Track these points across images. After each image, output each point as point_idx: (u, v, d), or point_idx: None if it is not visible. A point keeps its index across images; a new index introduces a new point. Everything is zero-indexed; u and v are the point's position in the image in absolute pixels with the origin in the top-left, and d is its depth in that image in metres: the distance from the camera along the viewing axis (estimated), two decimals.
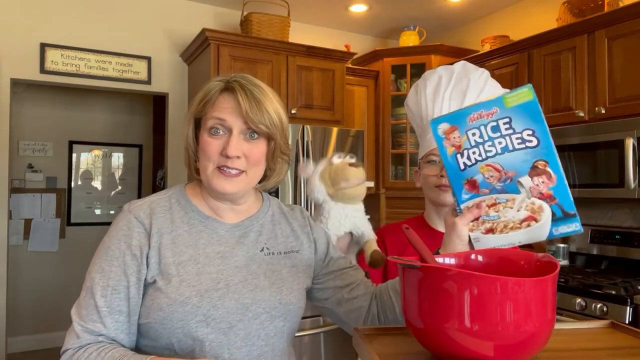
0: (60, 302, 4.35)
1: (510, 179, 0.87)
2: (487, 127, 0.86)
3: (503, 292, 0.63)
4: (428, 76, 1.32)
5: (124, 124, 4.84)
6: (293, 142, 3.05)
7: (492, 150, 0.87)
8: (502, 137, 0.86)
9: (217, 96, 0.97)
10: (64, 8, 3.22)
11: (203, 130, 0.98)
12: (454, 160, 0.89)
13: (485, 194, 0.89)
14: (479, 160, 0.88)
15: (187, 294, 0.91)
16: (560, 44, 2.83)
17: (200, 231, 0.98)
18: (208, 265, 0.95)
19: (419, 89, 1.33)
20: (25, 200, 4.35)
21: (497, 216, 0.89)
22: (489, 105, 0.86)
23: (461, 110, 0.89)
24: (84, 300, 0.91)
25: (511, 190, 0.87)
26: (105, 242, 0.95)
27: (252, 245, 1.02)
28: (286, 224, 1.11)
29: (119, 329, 0.91)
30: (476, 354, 0.65)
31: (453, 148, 0.89)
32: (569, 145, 2.65)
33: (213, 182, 0.96)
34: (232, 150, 0.94)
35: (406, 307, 0.74)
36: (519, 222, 0.87)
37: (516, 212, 0.87)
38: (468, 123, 0.87)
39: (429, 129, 1.27)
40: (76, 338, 0.88)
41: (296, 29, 3.84)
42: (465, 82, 1.26)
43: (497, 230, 0.89)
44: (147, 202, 0.99)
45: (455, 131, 0.88)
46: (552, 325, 0.68)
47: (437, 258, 0.82)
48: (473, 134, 0.87)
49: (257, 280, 0.98)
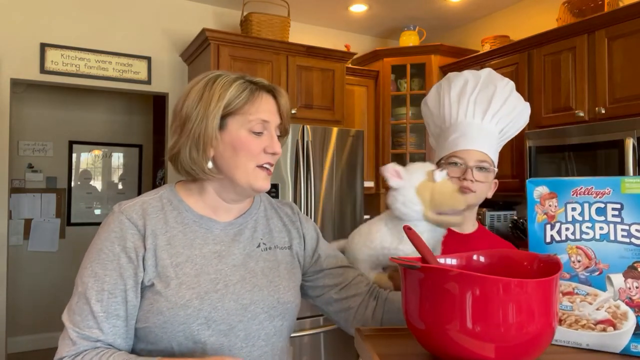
0: (60, 302, 4.35)
1: (599, 272, 0.76)
2: (592, 207, 0.77)
3: (505, 293, 0.63)
4: (453, 78, 1.30)
5: (124, 124, 4.84)
6: (293, 142, 3.05)
7: (590, 233, 0.77)
8: (605, 223, 0.76)
9: (256, 96, 0.97)
10: (64, 8, 3.21)
11: (239, 129, 0.96)
12: (541, 229, 0.80)
13: (565, 279, 0.78)
14: (571, 240, 0.78)
15: (187, 297, 0.90)
16: (560, 44, 2.83)
17: (195, 231, 0.97)
18: (206, 265, 0.94)
19: (442, 89, 1.31)
20: (25, 200, 4.34)
21: (570, 307, 0.77)
22: (602, 183, 0.77)
23: (567, 180, 0.79)
24: (77, 306, 0.88)
25: (596, 285, 0.76)
26: (96, 244, 0.92)
27: (248, 242, 1.02)
28: (278, 219, 1.11)
29: (116, 334, 0.89)
30: (478, 355, 0.65)
31: (544, 216, 0.80)
32: (569, 145, 2.65)
33: (256, 181, 0.97)
34: (278, 147, 0.99)
35: (407, 308, 0.74)
36: (593, 323, 0.76)
37: (594, 310, 0.76)
38: (571, 195, 0.78)
39: (453, 130, 1.25)
40: (72, 345, 0.86)
41: (296, 29, 3.84)
42: (492, 88, 1.24)
43: (565, 322, 0.78)
44: (139, 203, 0.96)
45: (554, 199, 0.79)
46: (554, 327, 0.68)
47: (439, 259, 0.82)
48: (573, 209, 0.78)
49: (255, 279, 0.98)
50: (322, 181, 3.15)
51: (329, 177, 3.18)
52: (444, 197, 0.99)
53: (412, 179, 1.03)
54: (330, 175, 3.18)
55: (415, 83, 3.80)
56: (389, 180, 1.03)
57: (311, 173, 3.09)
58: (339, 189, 3.22)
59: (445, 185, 1.01)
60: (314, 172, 3.11)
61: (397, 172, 1.03)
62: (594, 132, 2.56)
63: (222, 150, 0.96)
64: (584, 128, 2.60)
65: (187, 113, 0.96)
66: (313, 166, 3.10)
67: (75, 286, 0.91)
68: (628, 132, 2.40)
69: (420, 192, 1.01)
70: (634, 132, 2.37)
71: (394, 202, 1.03)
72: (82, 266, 0.92)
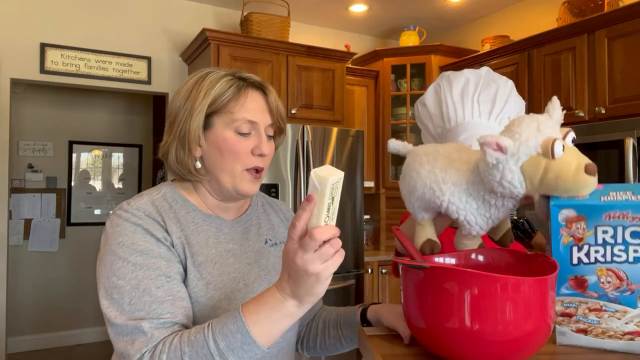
0: (60, 302, 4.35)
1: (631, 292, 0.74)
2: (627, 230, 0.74)
3: (503, 291, 0.63)
4: (453, 77, 1.26)
5: (124, 124, 4.84)
6: (293, 142, 3.05)
7: (622, 256, 0.74)
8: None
9: (242, 93, 0.92)
10: (64, 8, 3.22)
11: (224, 129, 0.91)
12: (567, 251, 0.76)
13: (592, 297, 0.76)
14: (600, 262, 0.75)
15: (216, 298, 0.88)
16: (560, 44, 2.83)
17: (207, 230, 0.94)
18: (224, 264, 0.92)
19: (442, 88, 1.27)
20: (25, 200, 4.35)
21: (597, 322, 0.76)
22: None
23: (599, 204, 0.75)
24: (134, 304, 0.79)
25: (626, 303, 0.74)
26: (123, 243, 0.84)
27: (255, 239, 1.01)
28: (275, 214, 1.11)
29: (187, 315, 0.83)
30: (476, 352, 0.65)
31: (571, 239, 0.76)
32: None
33: (241, 185, 0.92)
34: (266, 149, 0.93)
35: (407, 307, 0.74)
36: (621, 333, 0.75)
37: (623, 324, 0.75)
38: (603, 219, 0.74)
39: (461, 130, 1.22)
40: (147, 339, 0.77)
41: (296, 29, 3.84)
42: (494, 87, 1.22)
43: (591, 333, 0.76)
44: (148, 200, 0.91)
45: (582, 222, 0.75)
46: (551, 325, 0.68)
47: (436, 258, 0.83)
48: (604, 232, 0.75)
49: (269, 275, 0.98)
50: None
51: None
52: (563, 180, 0.72)
53: (520, 152, 0.74)
54: None
55: (415, 83, 3.80)
56: (488, 156, 0.74)
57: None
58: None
59: (568, 164, 0.72)
60: None
61: (500, 146, 0.73)
62: (594, 132, 2.56)
63: (208, 150, 0.92)
64: (584, 128, 2.60)
65: (175, 111, 0.93)
66: (313, 166, 3.10)
67: (110, 292, 0.81)
68: (628, 132, 2.40)
69: (529, 172, 0.74)
70: (634, 132, 2.37)
71: (491, 178, 0.76)
72: (112, 269, 0.82)
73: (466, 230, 0.82)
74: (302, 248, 0.68)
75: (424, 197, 0.85)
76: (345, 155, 3.25)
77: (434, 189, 0.83)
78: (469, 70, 1.28)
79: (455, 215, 0.81)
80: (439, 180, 0.83)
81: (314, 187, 0.67)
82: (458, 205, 0.81)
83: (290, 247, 0.69)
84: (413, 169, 0.89)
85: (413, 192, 0.87)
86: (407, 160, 0.94)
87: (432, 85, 1.31)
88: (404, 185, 0.92)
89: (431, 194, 0.83)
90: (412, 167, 0.90)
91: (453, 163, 0.84)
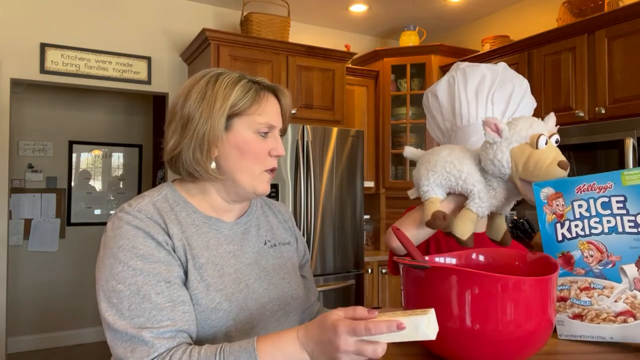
0: (60, 302, 4.35)
1: (612, 264, 0.77)
2: (597, 202, 0.79)
3: (504, 291, 0.63)
4: (469, 72, 1.23)
5: (124, 124, 4.84)
6: (293, 142, 3.05)
7: (598, 227, 0.79)
8: (612, 216, 0.78)
9: (262, 97, 0.95)
10: (64, 8, 3.22)
11: (245, 130, 0.93)
12: (552, 229, 0.82)
13: (580, 275, 0.80)
14: (581, 236, 0.80)
15: (217, 300, 0.88)
16: (560, 44, 2.83)
17: (207, 232, 0.95)
18: (225, 266, 0.93)
19: (456, 82, 1.24)
20: (25, 200, 4.34)
21: (589, 302, 0.79)
22: (603, 178, 0.79)
23: (570, 179, 0.81)
24: (134, 310, 0.80)
25: (611, 277, 0.77)
26: (124, 246, 0.84)
27: (255, 240, 1.02)
28: (273, 216, 1.11)
29: (188, 320, 0.83)
30: (477, 352, 0.65)
31: (554, 216, 0.82)
32: (569, 145, 2.65)
33: (260, 185, 0.95)
34: (283, 150, 0.97)
35: (408, 307, 0.74)
36: (613, 315, 0.77)
37: (612, 302, 0.77)
38: (575, 193, 0.80)
39: (472, 131, 1.20)
40: (149, 349, 0.77)
41: (296, 29, 3.84)
42: (509, 86, 1.20)
43: (586, 317, 0.79)
44: (150, 202, 0.92)
45: (560, 199, 0.81)
46: (552, 324, 0.68)
47: (437, 258, 0.83)
48: (579, 206, 0.80)
49: (269, 276, 0.99)
50: (322, 181, 3.15)
51: (329, 177, 3.18)
52: (539, 168, 0.87)
53: (512, 138, 0.93)
54: (330, 175, 3.18)
55: (415, 83, 3.80)
56: (486, 134, 0.94)
57: (311, 173, 3.09)
58: (339, 189, 3.22)
59: (545, 155, 0.88)
60: (314, 172, 3.11)
61: (497, 128, 0.93)
62: (594, 132, 2.56)
63: (227, 151, 0.93)
64: (584, 128, 2.60)
65: (189, 113, 0.92)
66: (313, 166, 3.10)
67: (109, 296, 0.82)
68: (628, 132, 2.40)
69: (515, 156, 0.91)
70: (634, 132, 2.37)
71: (485, 155, 0.96)
72: (111, 273, 0.83)
73: (475, 206, 0.96)
74: (353, 331, 0.66)
75: (443, 171, 1.01)
76: (345, 155, 3.25)
77: (455, 163, 1.00)
78: (486, 65, 1.24)
79: (471, 187, 0.97)
80: (459, 157, 1.01)
81: (416, 331, 0.62)
82: (474, 177, 0.98)
83: (341, 323, 0.68)
84: (433, 152, 1.06)
85: (432, 169, 1.03)
86: (424, 153, 1.10)
87: (445, 76, 1.28)
88: (422, 167, 1.06)
89: (451, 167, 1.00)
90: (431, 153, 1.06)
91: (467, 152, 1.02)
